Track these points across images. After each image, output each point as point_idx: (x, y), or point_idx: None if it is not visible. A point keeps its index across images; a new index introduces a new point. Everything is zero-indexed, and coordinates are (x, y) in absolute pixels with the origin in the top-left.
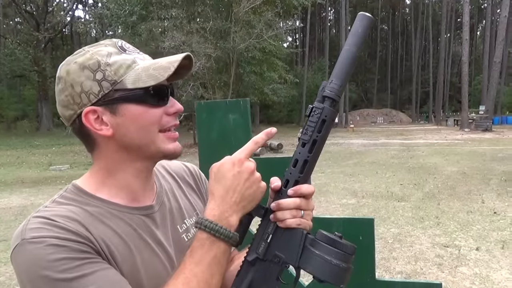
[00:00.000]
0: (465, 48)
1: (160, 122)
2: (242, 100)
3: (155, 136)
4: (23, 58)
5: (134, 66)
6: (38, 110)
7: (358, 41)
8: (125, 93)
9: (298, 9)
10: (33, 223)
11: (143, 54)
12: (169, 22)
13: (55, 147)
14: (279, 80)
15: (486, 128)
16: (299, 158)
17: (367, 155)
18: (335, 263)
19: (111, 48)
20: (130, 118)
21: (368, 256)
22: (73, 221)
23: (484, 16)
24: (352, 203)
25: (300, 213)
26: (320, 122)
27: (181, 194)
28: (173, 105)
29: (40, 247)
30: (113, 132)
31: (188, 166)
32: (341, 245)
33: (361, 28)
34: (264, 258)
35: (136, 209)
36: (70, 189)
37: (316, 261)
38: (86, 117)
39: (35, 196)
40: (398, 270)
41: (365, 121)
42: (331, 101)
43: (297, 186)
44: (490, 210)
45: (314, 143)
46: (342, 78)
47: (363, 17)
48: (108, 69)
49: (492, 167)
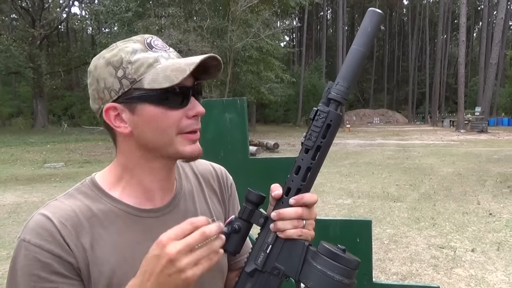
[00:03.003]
0: (462, 49)
1: (178, 125)
2: (239, 99)
3: (173, 138)
4: (18, 55)
5: (156, 65)
6: (33, 107)
7: (368, 40)
8: (143, 93)
9: (296, 8)
10: (33, 222)
11: (170, 52)
12: (166, 20)
13: (50, 144)
14: (276, 80)
15: (481, 129)
16: (302, 165)
17: (363, 156)
18: (338, 279)
19: (138, 45)
20: (146, 118)
21: (365, 259)
22: (70, 223)
23: (480, 18)
24: (348, 203)
25: (301, 223)
26: (325, 127)
27: (200, 198)
28: (193, 108)
29: (24, 254)
30: (131, 130)
31: (216, 168)
32: (344, 260)
33: (371, 26)
34: (263, 270)
35: (146, 211)
36: (86, 183)
37: (317, 276)
38: (107, 113)
39: (29, 193)
40: (394, 271)
41: (362, 121)
42: (336, 104)
43: (300, 195)
44: (486, 212)
45: (318, 149)
46: (350, 80)
47: (373, 14)
48: (129, 67)
49: (488, 168)
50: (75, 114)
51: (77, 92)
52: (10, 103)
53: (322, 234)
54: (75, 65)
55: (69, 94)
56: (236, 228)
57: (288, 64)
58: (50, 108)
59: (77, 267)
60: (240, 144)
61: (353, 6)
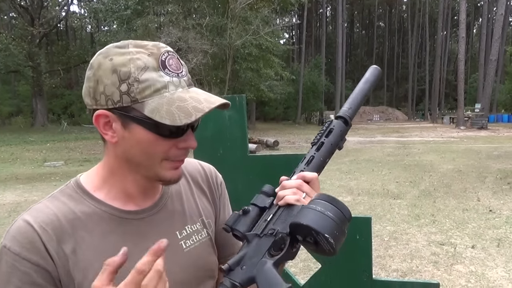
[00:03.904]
0: (461, 46)
1: (167, 153)
2: (238, 96)
3: (157, 163)
4: (18, 53)
5: (163, 93)
6: (32, 106)
7: (370, 87)
8: (139, 116)
9: (295, 5)
10: (15, 228)
11: (182, 78)
12: (165, 18)
13: (50, 143)
14: (275, 77)
15: (481, 126)
16: (307, 156)
17: (363, 153)
18: (332, 217)
19: (151, 60)
20: (136, 138)
21: (365, 255)
22: (51, 228)
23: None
24: (348, 200)
25: (301, 193)
26: (328, 130)
27: (189, 198)
28: (186, 141)
29: (6, 260)
30: (117, 141)
31: (204, 167)
32: (339, 204)
33: (372, 78)
34: (260, 235)
35: (131, 213)
36: (71, 184)
37: (311, 213)
38: (97, 117)
39: (29, 192)
40: (394, 268)
41: (361, 119)
42: (342, 119)
43: (301, 173)
44: (486, 208)
45: (321, 144)
46: (355, 106)
47: (374, 70)
48: (135, 85)
49: (488, 165)
50: (74, 113)
51: (77, 90)
52: (9, 102)
53: None
54: (74, 63)
55: (68, 93)
56: (245, 209)
57: (288, 62)
58: (49, 106)
59: (55, 275)
60: (239, 141)
61: (353, 3)
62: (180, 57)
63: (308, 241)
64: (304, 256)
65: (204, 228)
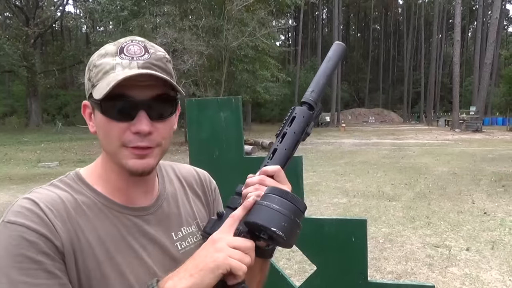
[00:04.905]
0: (457, 49)
1: (121, 138)
2: (234, 98)
3: (117, 150)
4: (12, 53)
5: (110, 73)
6: (27, 106)
7: (333, 66)
8: (94, 100)
9: (291, 7)
10: (18, 205)
11: (137, 60)
12: (161, 19)
13: (44, 143)
14: (271, 79)
15: (476, 128)
16: (271, 149)
17: (358, 155)
18: (278, 209)
19: (112, 48)
20: (98, 124)
21: (360, 257)
22: (56, 209)
23: (475, 18)
24: (343, 202)
25: (263, 188)
26: (291, 118)
27: (184, 201)
28: (135, 124)
29: (9, 235)
30: (95, 131)
31: (199, 173)
32: (289, 195)
33: (336, 55)
34: None
35: (130, 209)
36: (70, 175)
37: (258, 208)
38: (84, 107)
39: (23, 193)
40: (389, 270)
41: (357, 121)
42: (306, 105)
43: (263, 168)
44: (480, 211)
45: (284, 135)
46: (318, 88)
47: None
48: (93, 70)
49: (482, 167)
50: (69, 113)
51: (72, 91)
52: (3, 102)
53: (317, 233)
54: (69, 64)
55: (63, 93)
56: (219, 213)
57: (284, 64)
58: (44, 107)
59: (61, 251)
60: (235, 143)
61: (349, 6)
62: (176, 58)
63: (262, 237)
64: (299, 258)
65: (199, 231)
